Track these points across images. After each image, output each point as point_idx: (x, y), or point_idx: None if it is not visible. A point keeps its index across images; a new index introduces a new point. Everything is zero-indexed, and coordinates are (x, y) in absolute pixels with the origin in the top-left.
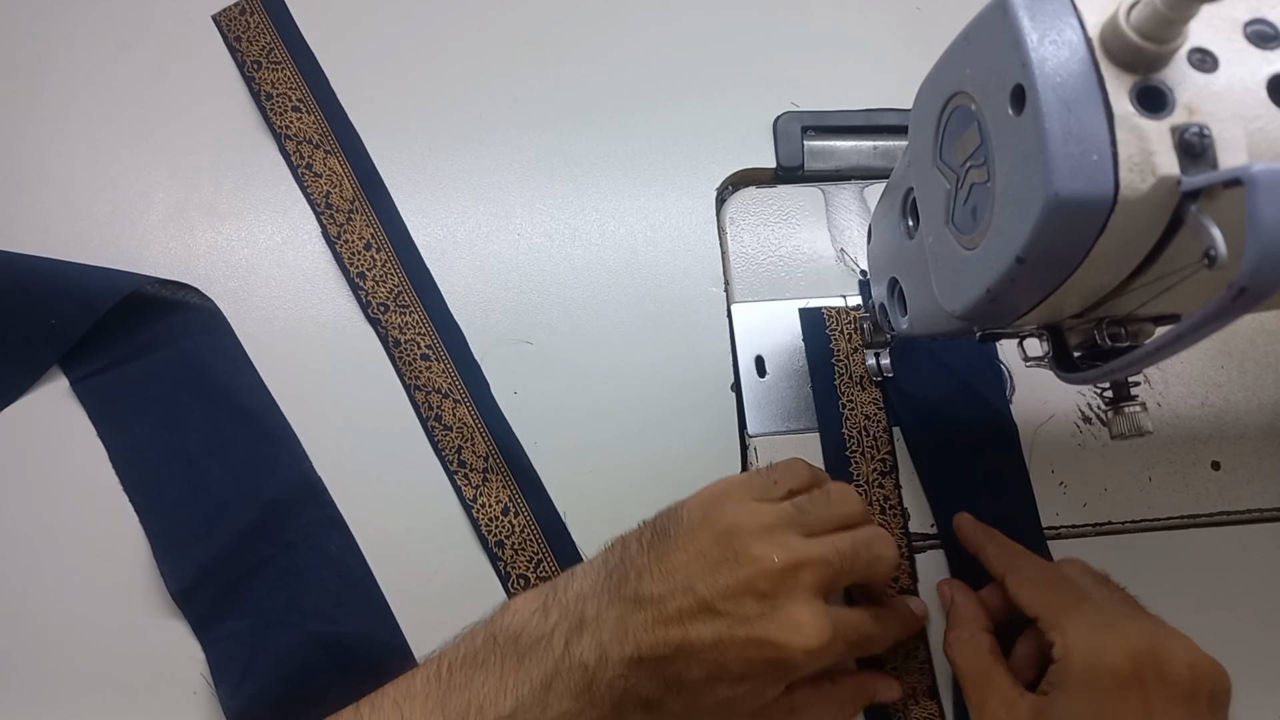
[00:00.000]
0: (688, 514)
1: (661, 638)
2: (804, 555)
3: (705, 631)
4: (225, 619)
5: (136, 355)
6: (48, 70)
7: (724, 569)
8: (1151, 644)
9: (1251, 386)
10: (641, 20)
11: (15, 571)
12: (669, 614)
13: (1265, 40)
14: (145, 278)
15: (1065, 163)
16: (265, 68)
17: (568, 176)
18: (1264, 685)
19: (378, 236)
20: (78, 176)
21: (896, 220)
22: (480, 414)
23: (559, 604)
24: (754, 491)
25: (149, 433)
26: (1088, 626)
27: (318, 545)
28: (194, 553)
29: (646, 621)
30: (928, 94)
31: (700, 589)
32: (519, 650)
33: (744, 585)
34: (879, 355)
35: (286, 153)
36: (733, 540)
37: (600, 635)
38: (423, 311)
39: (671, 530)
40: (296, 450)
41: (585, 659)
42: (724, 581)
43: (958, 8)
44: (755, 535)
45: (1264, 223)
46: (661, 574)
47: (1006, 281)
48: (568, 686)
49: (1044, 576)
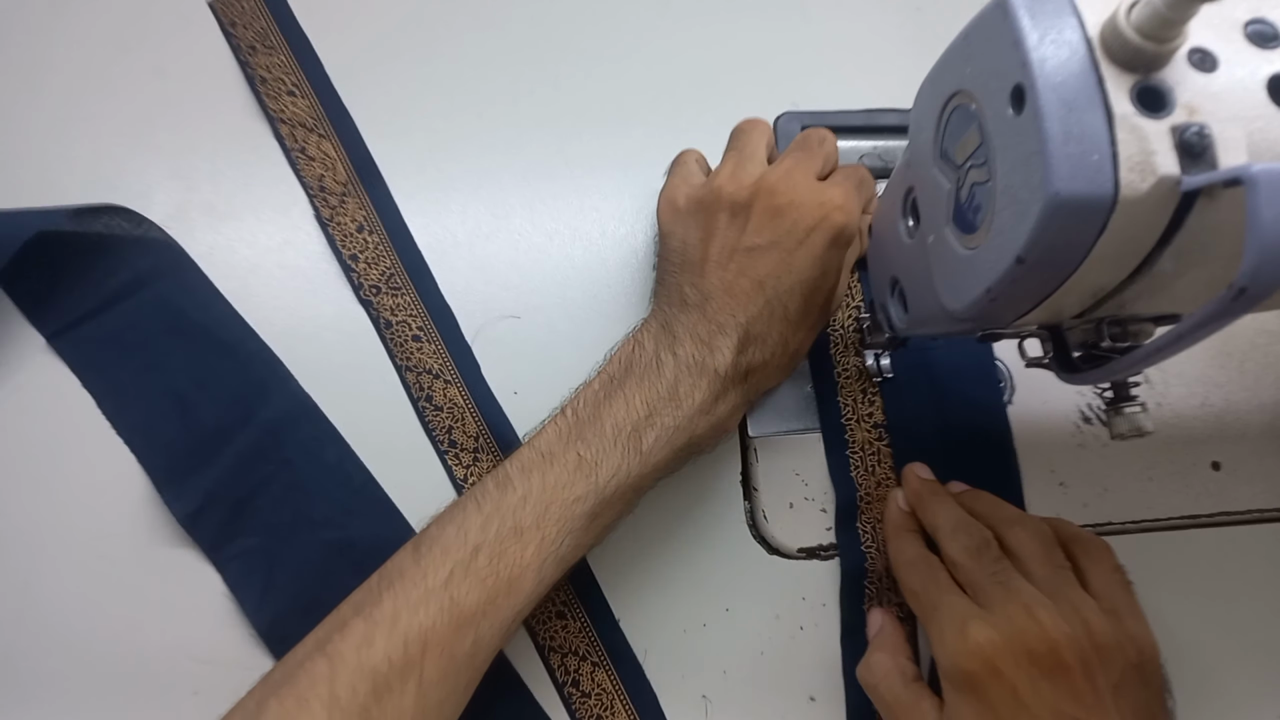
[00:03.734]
0: (677, 239)
1: (744, 291)
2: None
3: (769, 257)
4: (235, 538)
5: (109, 305)
6: (48, 70)
7: (732, 226)
8: (1000, 633)
9: (1251, 386)
10: (642, 20)
11: (13, 536)
12: (734, 278)
13: (1265, 40)
14: (92, 206)
15: (1065, 163)
16: (260, 52)
17: (568, 176)
18: (1264, 685)
19: (370, 219)
20: (78, 176)
21: (896, 220)
22: (471, 394)
23: (650, 338)
24: (693, 175)
25: (134, 377)
26: (943, 631)
27: (316, 458)
28: (196, 480)
29: (721, 301)
30: (928, 94)
31: (740, 246)
32: (635, 375)
33: (768, 213)
34: (879, 355)
35: (280, 136)
36: (705, 212)
37: (698, 333)
38: (414, 294)
39: (674, 259)
40: (281, 371)
41: (696, 357)
42: (753, 224)
43: (958, 8)
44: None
45: (1264, 223)
46: (704, 275)
47: (1006, 281)
48: (694, 382)
49: (923, 563)
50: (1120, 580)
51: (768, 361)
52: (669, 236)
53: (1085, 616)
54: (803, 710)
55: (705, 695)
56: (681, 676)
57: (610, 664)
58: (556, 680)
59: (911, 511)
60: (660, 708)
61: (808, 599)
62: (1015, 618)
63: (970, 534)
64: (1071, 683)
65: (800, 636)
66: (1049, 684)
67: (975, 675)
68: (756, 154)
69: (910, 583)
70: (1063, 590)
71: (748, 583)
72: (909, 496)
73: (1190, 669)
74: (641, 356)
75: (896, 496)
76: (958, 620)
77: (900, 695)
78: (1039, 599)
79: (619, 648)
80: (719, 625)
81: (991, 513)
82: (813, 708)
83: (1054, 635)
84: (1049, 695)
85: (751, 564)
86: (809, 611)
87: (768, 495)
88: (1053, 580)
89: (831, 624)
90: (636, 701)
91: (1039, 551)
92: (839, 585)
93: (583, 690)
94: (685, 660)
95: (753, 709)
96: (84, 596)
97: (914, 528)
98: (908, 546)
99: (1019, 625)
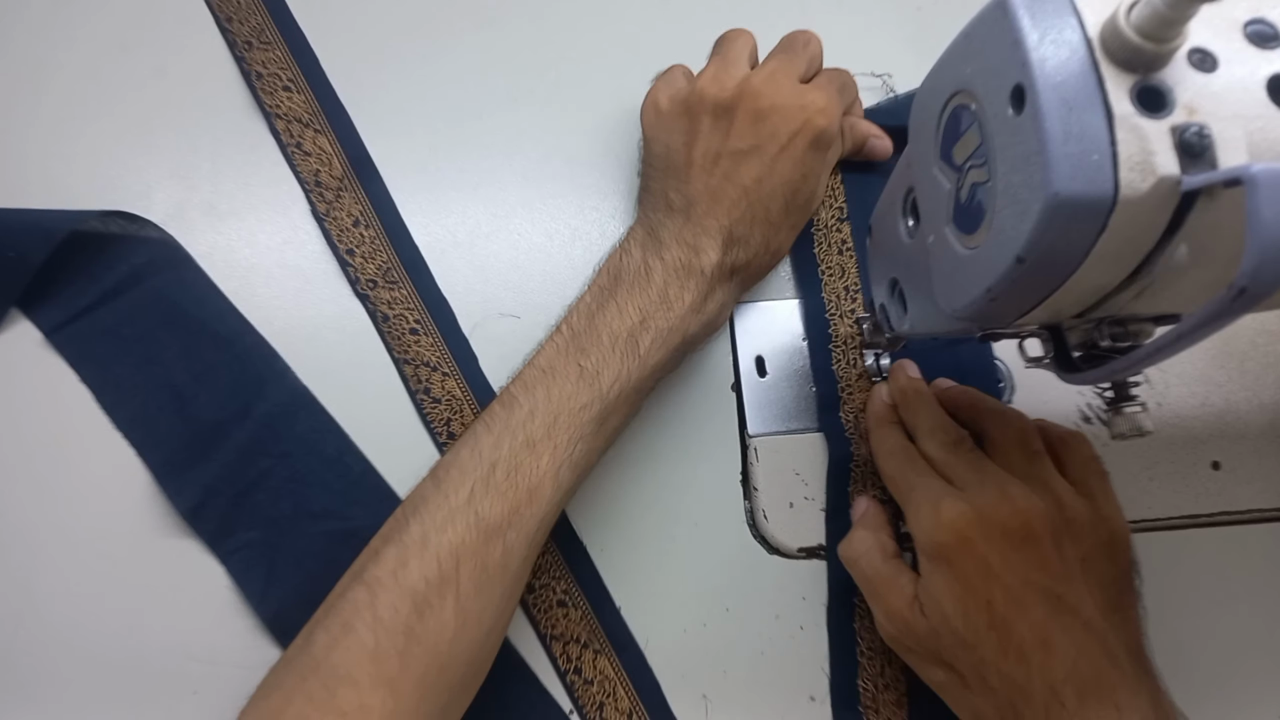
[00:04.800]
0: (660, 144)
1: (728, 196)
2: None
3: (753, 161)
4: (236, 531)
5: (106, 300)
6: (48, 70)
7: (716, 130)
8: (973, 506)
9: (1251, 386)
10: (642, 20)
11: (13, 533)
12: (719, 183)
13: (1265, 40)
14: (93, 211)
15: (1065, 162)
16: (256, 48)
17: (568, 176)
18: (1264, 685)
19: (366, 214)
20: (78, 176)
21: (896, 220)
22: (469, 386)
23: (637, 245)
24: (677, 80)
25: (132, 371)
26: (919, 508)
27: (315, 450)
28: (195, 474)
29: (705, 205)
30: (928, 94)
31: (724, 150)
32: (625, 283)
33: (750, 118)
34: (879, 355)
35: (276, 131)
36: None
37: (683, 237)
38: (411, 287)
39: (658, 164)
40: (279, 365)
41: (683, 260)
42: (736, 128)
43: (958, 8)
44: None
45: (1264, 223)
46: (689, 180)
47: (1006, 281)
48: (682, 284)
49: (901, 453)
50: (1096, 469)
51: (751, 261)
52: (652, 141)
53: (1058, 494)
54: (803, 710)
55: (705, 695)
56: (681, 676)
57: (612, 651)
58: (559, 668)
59: (894, 405)
60: (663, 693)
61: (808, 599)
62: (988, 494)
63: (948, 431)
64: (1041, 553)
65: (800, 636)
66: (1019, 555)
67: (948, 546)
68: (740, 58)
69: (889, 469)
70: (1037, 473)
71: (748, 582)
72: (894, 393)
73: (1190, 669)
74: (629, 264)
75: (880, 391)
76: (933, 497)
77: (880, 569)
78: (1011, 479)
79: (620, 635)
80: (719, 625)
81: (974, 404)
82: (813, 707)
83: (1025, 509)
84: (1019, 565)
85: (751, 564)
86: (809, 611)
87: (768, 495)
88: (1027, 464)
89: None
90: (639, 687)
91: (1016, 438)
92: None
93: (585, 678)
94: (685, 660)
95: (753, 709)
96: (84, 594)
97: (895, 419)
98: (888, 436)
99: (991, 500)
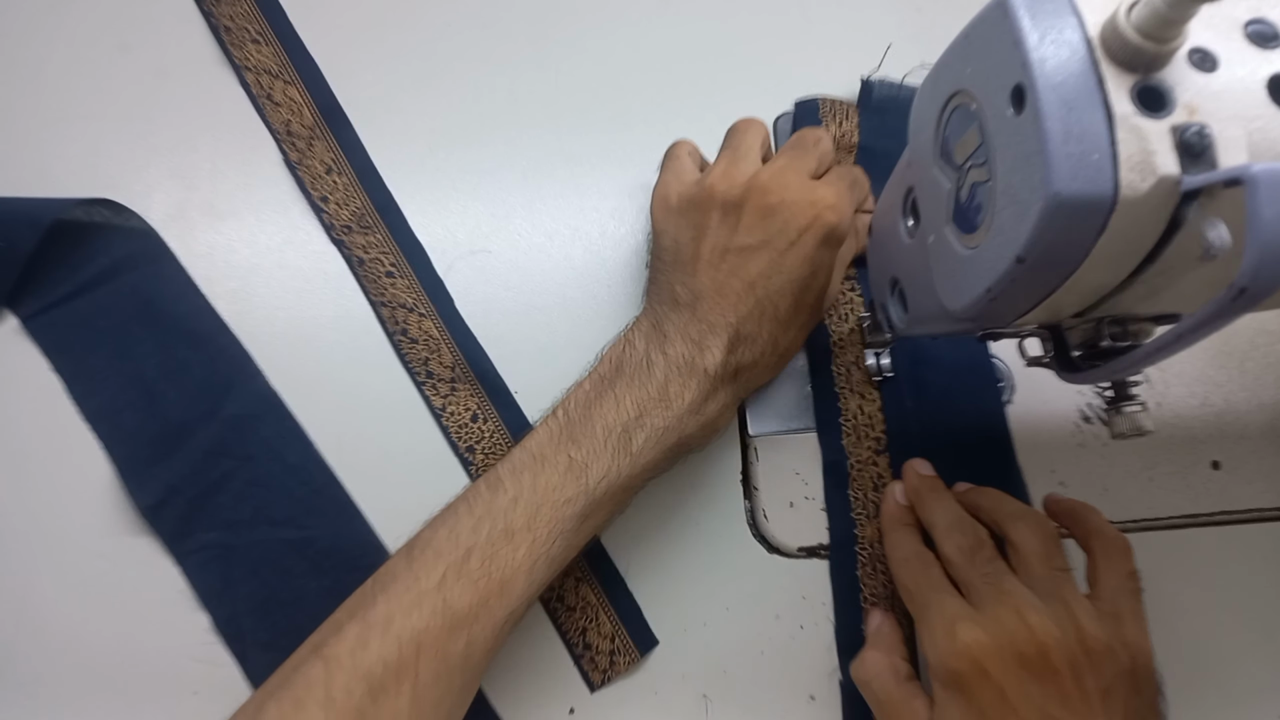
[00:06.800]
0: (669, 237)
1: (735, 291)
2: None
3: (761, 257)
4: (194, 532)
5: (84, 290)
6: (48, 70)
7: (724, 225)
8: (989, 633)
9: (1251, 386)
10: (643, 19)
11: (13, 532)
12: (726, 279)
13: (1265, 40)
14: (77, 199)
15: (1065, 162)
16: (224, 1)
17: (568, 176)
18: (1264, 684)
19: (338, 161)
20: (78, 176)
21: (896, 220)
22: (445, 326)
23: (641, 337)
24: (686, 172)
25: (104, 364)
26: (934, 630)
27: (278, 456)
28: (158, 471)
29: (712, 300)
30: (928, 94)
31: (732, 245)
32: (625, 375)
33: (759, 212)
34: (879, 355)
35: (246, 84)
36: (699, 208)
37: (688, 333)
38: (385, 231)
39: (666, 257)
40: (250, 368)
41: (687, 357)
42: (744, 223)
43: (958, 8)
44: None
45: (1264, 223)
46: (696, 274)
47: (1006, 281)
48: (684, 382)
49: (916, 560)
50: (1130, 587)
51: (757, 361)
52: (661, 234)
53: (1078, 619)
54: (803, 710)
55: (705, 695)
56: (681, 676)
57: (594, 578)
58: (541, 596)
59: (910, 506)
60: (644, 618)
61: (808, 598)
62: (1005, 619)
63: (965, 533)
64: (1059, 686)
65: (800, 636)
66: (1036, 686)
67: (963, 675)
68: (750, 152)
69: (904, 579)
70: (1058, 592)
71: (748, 582)
72: (908, 491)
73: (1190, 668)
74: (632, 356)
75: (895, 490)
76: (948, 619)
77: (892, 693)
78: (1030, 601)
79: (600, 563)
80: (719, 625)
81: (996, 507)
82: (813, 707)
83: (1043, 638)
84: (1036, 697)
85: (751, 563)
86: (809, 611)
87: (768, 495)
88: (1049, 581)
89: (832, 624)
90: (620, 611)
91: (1039, 550)
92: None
93: (568, 604)
94: (685, 660)
95: (753, 709)
96: (84, 595)
97: (911, 522)
98: (904, 542)
99: (1008, 627)
